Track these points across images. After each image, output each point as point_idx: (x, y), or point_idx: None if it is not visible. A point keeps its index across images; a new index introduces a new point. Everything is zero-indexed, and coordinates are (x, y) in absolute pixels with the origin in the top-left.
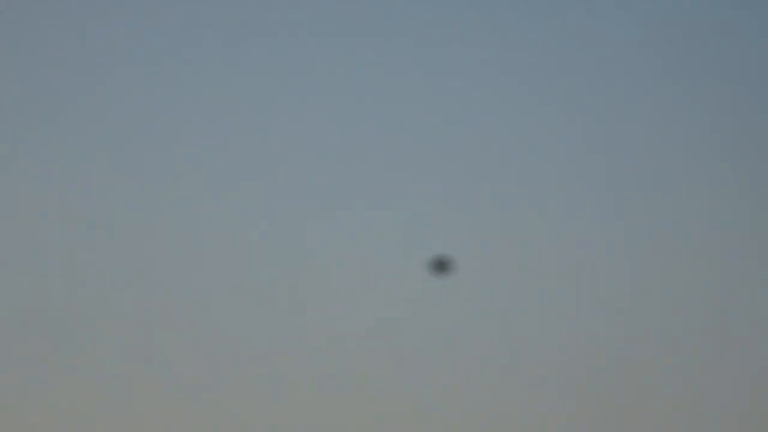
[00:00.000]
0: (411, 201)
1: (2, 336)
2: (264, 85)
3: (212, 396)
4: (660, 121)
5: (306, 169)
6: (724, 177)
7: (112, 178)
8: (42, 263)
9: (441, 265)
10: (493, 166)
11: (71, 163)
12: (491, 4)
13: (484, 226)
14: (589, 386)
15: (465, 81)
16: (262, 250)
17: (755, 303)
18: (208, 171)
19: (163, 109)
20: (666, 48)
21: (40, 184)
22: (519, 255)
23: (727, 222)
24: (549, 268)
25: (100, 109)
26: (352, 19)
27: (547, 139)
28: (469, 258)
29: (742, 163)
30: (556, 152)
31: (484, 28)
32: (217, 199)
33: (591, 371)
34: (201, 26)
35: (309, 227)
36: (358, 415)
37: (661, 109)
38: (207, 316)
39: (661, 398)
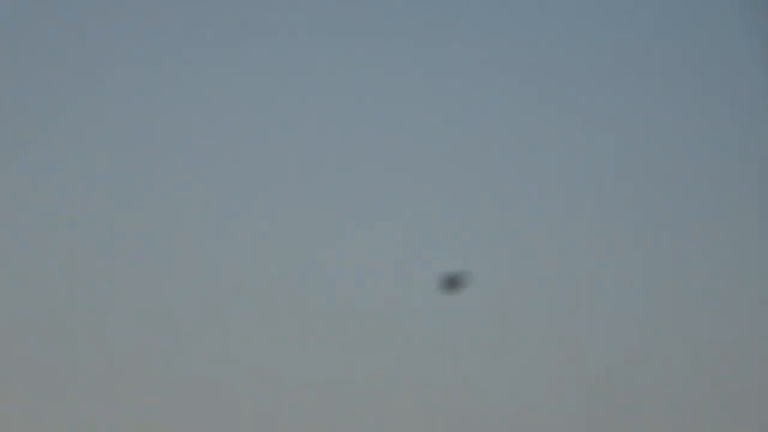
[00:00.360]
0: (413, 203)
1: (2, 340)
2: (264, 85)
3: (214, 401)
4: (670, 122)
5: (307, 171)
6: (733, 177)
7: (109, 178)
8: (39, 265)
9: (453, 283)
10: (498, 171)
11: (68, 163)
12: (492, 5)
13: (488, 229)
14: (596, 395)
15: (468, 82)
16: (262, 253)
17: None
18: (207, 172)
19: (162, 110)
20: (669, 48)
21: (39, 184)
22: (524, 260)
23: (742, 225)
24: (555, 275)
25: (98, 109)
26: (352, 19)
27: (552, 142)
28: (472, 263)
29: (746, 164)
30: (563, 156)
31: (486, 29)
32: (215, 200)
33: (598, 380)
34: (201, 26)
35: (309, 229)
36: (359, 424)
37: (670, 110)
38: (207, 319)
39: (671, 406)
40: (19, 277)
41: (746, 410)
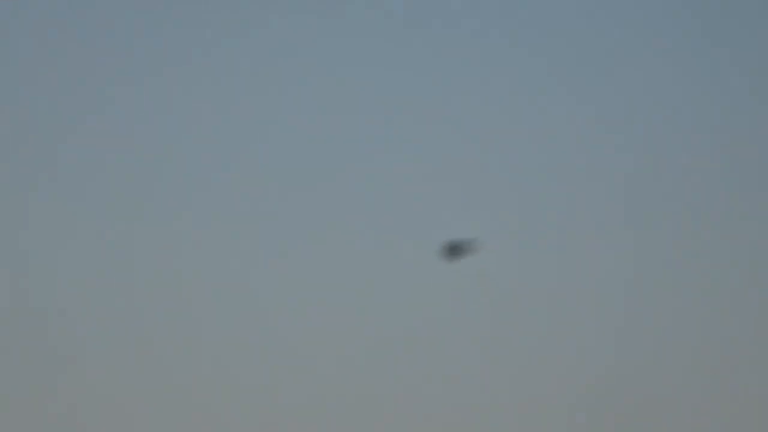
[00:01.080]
0: (411, 197)
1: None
2: (262, 85)
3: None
4: (676, 121)
5: (307, 165)
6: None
7: (102, 178)
8: (38, 266)
9: (455, 250)
10: (495, 161)
11: (67, 163)
12: (492, 3)
13: (486, 222)
14: (596, 394)
15: (466, 76)
16: (261, 242)
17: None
18: (208, 168)
19: (154, 110)
20: (673, 49)
21: (34, 183)
22: (522, 254)
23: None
24: (560, 274)
25: (95, 108)
26: (351, 18)
27: (556, 142)
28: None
29: (750, 163)
30: (564, 146)
31: (486, 26)
32: (215, 195)
33: (598, 377)
34: (200, 25)
35: (311, 224)
36: (357, 416)
37: (677, 109)
38: (204, 315)
39: (673, 405)
40: (19, 279)
41: (748, 412)
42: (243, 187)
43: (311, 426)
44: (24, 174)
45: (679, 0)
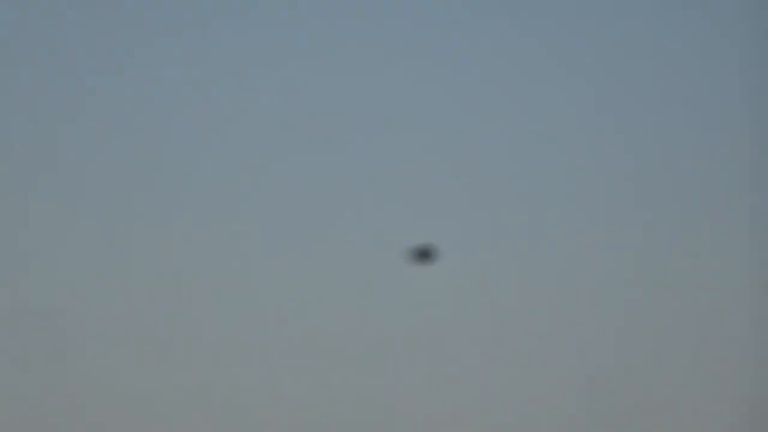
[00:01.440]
0: (411, 196)
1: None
2: (262, 86)
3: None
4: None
5: (296, 161)
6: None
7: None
8: (30, 263)
9: (424, 254)
10: (495, 161)
11: (67, 161)
12: (492, 3)
13: (476, 218)
14: (587, 392)
15: (466, 76)
16: (261, 242)
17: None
18: (208, 168)
19: (158, 108)
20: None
21: (34, 183)
22: (514, 249)
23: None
24: (555, 272)
25: (95, 106)
26: (349, 17)
27: (554, 138)
28: (459, 251)
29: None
30: (563, 146)
31: (485, 25)
32: (215, 195)
33: (589, 374)
34: (200, 25)
35: (311, 224)
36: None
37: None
38: (203, 315)
39: (663, 400)
40: (20, 278)
41: (748, 412)
42: (243, 187)
43: (311, 426)
44: (24, 174)
45: (680, 0)
